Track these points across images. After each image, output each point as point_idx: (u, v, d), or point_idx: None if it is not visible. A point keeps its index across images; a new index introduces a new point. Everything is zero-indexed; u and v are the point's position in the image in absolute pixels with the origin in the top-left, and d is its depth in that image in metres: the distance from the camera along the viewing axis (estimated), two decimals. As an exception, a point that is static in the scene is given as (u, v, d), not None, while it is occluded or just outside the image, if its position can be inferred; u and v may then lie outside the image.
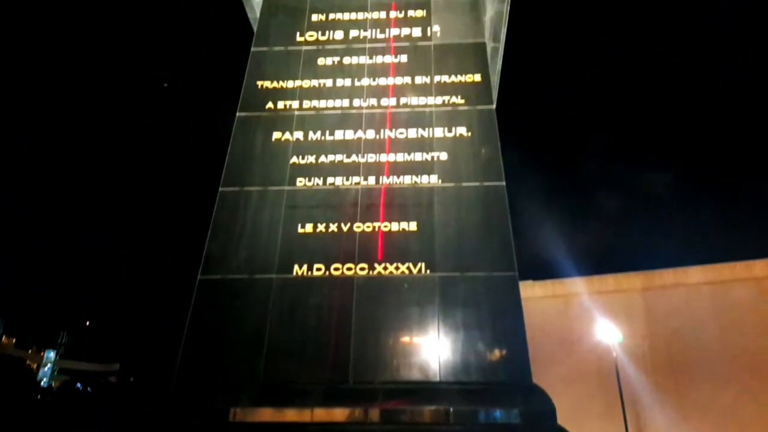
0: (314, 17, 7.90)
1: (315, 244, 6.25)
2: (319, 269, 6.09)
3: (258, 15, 8.67)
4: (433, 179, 6.52)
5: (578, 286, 18.61)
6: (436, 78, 7.20)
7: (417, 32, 7.62)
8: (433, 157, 6.66)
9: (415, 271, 6.00)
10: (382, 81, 7.26)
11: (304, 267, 6.11)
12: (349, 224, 6.33)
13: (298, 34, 7.76)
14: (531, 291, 18.19)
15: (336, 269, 6.07)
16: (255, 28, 8.93)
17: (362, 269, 6.06)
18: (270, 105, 7.21)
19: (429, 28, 7.63)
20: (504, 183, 6.43)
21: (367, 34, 7.66)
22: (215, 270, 6.16)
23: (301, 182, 6.64)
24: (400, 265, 6.06)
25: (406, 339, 5.70)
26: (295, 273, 6.08)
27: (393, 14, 7.82)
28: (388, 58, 7.43)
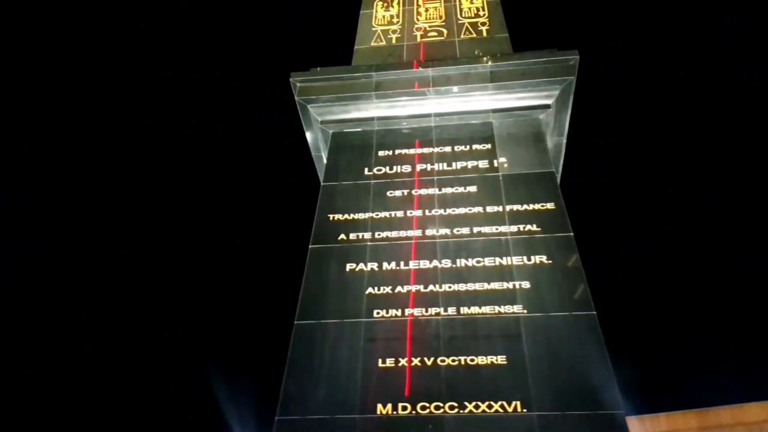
0: (381, 153, 8.15)
1: (398, 380, 5.85)
2: (404, 408, 5.63)
3: (322, 153, 9.05)
4: (518, 308, 6.24)
5: (630, 426, 17.20)
6: (508, 207, 7.19)
7: (484, 164, 7.77)
8: (514, 286, 6.43)
9: (509, 409, 5.51)
10: (454, 211, 7.27)
11: (389, 406, 5.67)
12: (432, 358, 5.97)
13: (366, 169, 7.96)
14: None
15: (423, 408, 5.61)
16: (318, 164, 9.29)
17: (452, 408, 5.58)
18: (342, 236, 7.19)
19: (495, 160, 7.78)
20: (595, 312, 6.12)
21: (435, 167, 7.83)
22: (294, 410, 5.74)
23: (378, 314, 6.40)
24: (492, 403, 5.58)
25: (506, 489, 5.08)
26: (378, 412, 5.62)
27: (458, 148, 8.04)
28: (458, 189, 7.50)
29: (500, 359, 5.88)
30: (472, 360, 5.90)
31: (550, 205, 7.13)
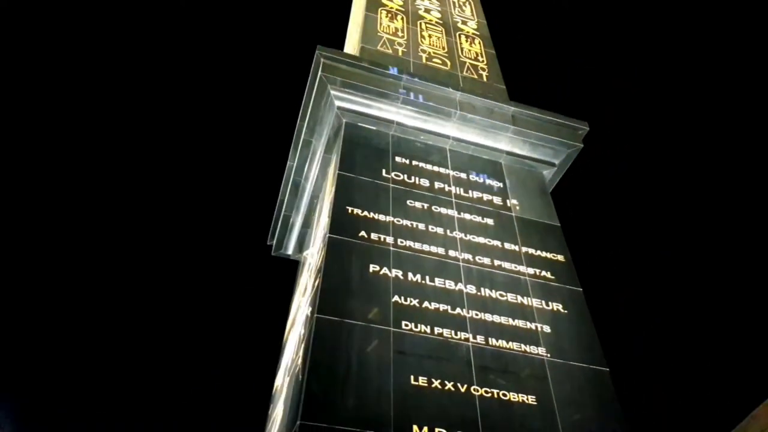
0: (398, 159, 7.67)
1: (433, 403, 5.31)
2: (442, 434, 5.08)
3: (314, 138, 8.35)
4: (542, 351, 6.12)
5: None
6: (524, 249, 7.16)
7: (498, 200, 7.70)
8: (537, 327, 6.33)
9: (543, 452, 5.28)
10: (474, 238, 7.03)
11: (425, 429, 5.08)
12: (466, 385, 5.54)
13: (384, 170, 7.41)
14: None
15: (461, 437, 5.12)
16: (301, 148, 8.52)
17: (488, 442, 5.18)
18: (363, 233, 6.51)
19: (508, 200, 7.76)
20: (608, 369, 6.23)
21: (452, 189, 7.56)
22: (320, 416, 4.86)
23: (407, 326, 5.82)
24: (527, 443, 5.30)
25: None
26: (416, 434, 5.00)
27: (473, 177, 7.90)
28: (476, 218, 7.31)
29: (530, 399, 5.66)
30: (504, 395, 5.59)
31: (560, 258, 7.25)
